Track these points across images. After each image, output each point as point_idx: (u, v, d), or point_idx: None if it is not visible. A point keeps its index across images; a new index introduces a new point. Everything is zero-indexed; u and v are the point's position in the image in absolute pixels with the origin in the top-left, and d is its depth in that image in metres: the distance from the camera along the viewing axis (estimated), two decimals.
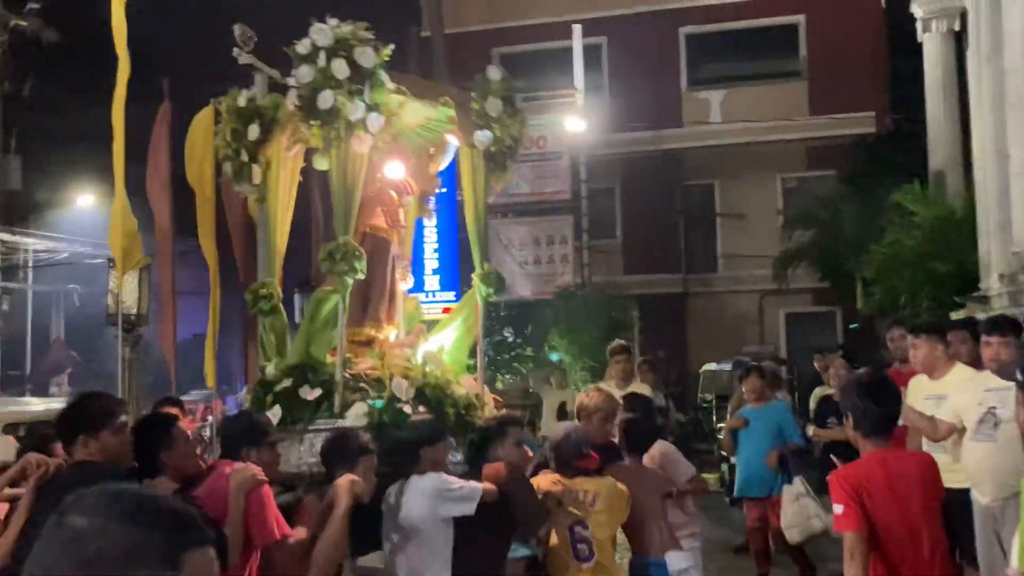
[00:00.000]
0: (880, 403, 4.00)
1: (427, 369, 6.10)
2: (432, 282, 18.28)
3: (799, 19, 20.73)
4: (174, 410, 5.48)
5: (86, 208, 20.77)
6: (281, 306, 6.20)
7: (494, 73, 6.37)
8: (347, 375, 5.76)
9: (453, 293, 18.24)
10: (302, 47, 5.78)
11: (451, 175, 9.98)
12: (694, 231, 22.21)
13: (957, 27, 16.35)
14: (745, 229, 21.84)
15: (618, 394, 7.21)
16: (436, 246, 18.10)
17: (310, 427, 5.60)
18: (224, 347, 11.24)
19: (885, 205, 16.74)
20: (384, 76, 5.76)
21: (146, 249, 8.95)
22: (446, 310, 18.30)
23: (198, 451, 5.56)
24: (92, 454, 3.90)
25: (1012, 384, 4.65)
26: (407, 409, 5.67)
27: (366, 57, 5.66)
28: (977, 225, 12.48)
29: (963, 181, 16.06)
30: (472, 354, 6.91)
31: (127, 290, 11.27)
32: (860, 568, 3.91)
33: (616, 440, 5.54)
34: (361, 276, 5.88)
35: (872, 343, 18.40)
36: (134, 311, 11.51)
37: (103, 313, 12.98)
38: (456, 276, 18.23)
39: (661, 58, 20.43)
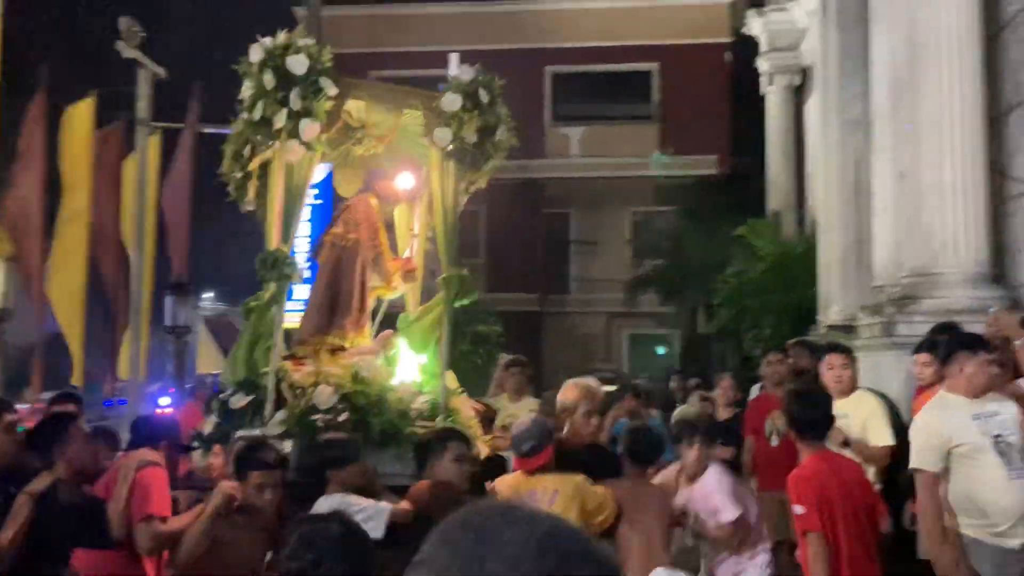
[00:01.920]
0: (811, 407, 4.19)
1: (361, 375, 5.35)
2: (301, 291, 17.36)
3: (653, 67, 20.94)
4: (71, 407, 4.98)
5: None
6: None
7: (466, 73, 5.69)
8: (287, 384, 5.14)
9: None
10: (243, 65, 5.27)
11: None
12: (551, 255, 22.08)
13: (797, 82, 16.91)
14: (597, 255, 21.95)
15: (511, 408, 6.77)
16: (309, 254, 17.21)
17: (238, 435, 5.04)
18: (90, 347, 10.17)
19: (725, 240, 17.09)
20: (326, 82, 5.15)
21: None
22: None
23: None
24: None
25: (1000, 406, 4.41)
26: (336, 418, 4.97)
27: (298, 64, 5.08)
28: (817, 262, 12.79)
29: (796, 221, 16.63)
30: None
31: None
32: (824, 566, 3.83)
33: (602, 437, 5.12)
34: (296, 282, 5.32)
35: (709, 364, 18.69)
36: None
37: None
38: None
39: (529, 93, 20.17)
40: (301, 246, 7.02)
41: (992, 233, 7.33)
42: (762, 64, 17.13)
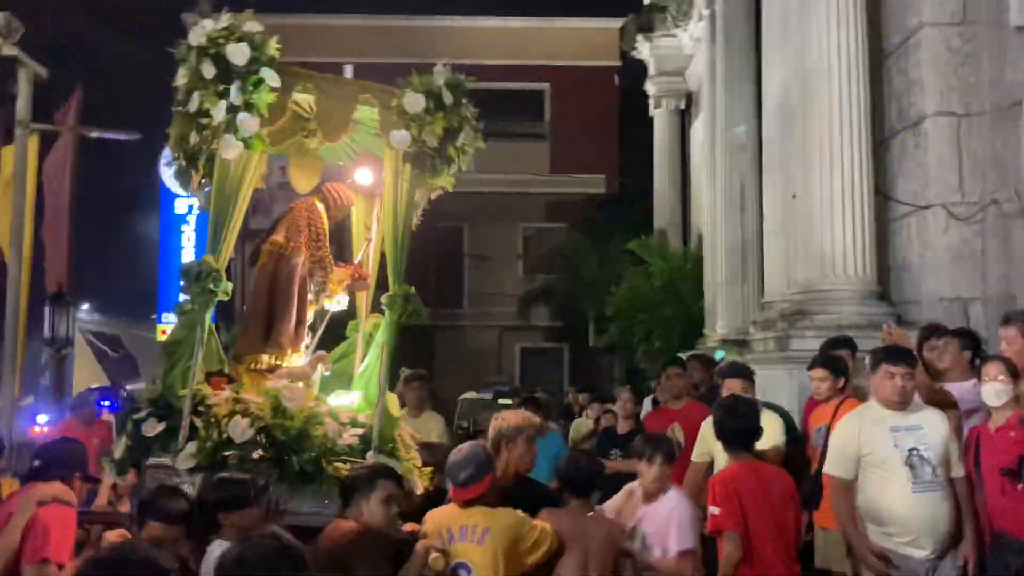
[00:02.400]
0: (738, 418, 4.25)
1: (283, 406, 4.70)
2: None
3: (545, 87, 21.08)
4: None
5: None
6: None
7: (439, 75, 4.98)
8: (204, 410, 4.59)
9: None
10: (180, 50, 4.71)
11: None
12: (444, 269, 21.87)
13: (683, 105, 17.26)
14: (489, 270, 21.82)
15: (412, 423, 6.49)
16: None
17: (149, 462, 4.51)
18: None
19: (615, 256, 17.28)
20: (269, 74, 4.64)
21: None
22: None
23: None
24: None
25: (920, 418, 4.42)
26: (250, 454, 4.45)
27: (238, 54, 4.57)
28: (704, 278, 13.02)
29: (681, 238, 16.95)
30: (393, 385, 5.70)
31: None
32: (733, 566, 3.87)
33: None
34: (224, 298, 4.69)
35: (597, 376, 18.83)
36: None
37: None
38: None
39: None
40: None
41: (878, 252, 7.54)
42: (650, 87, 17.41)
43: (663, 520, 4.23)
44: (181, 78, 4.72)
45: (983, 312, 6.95)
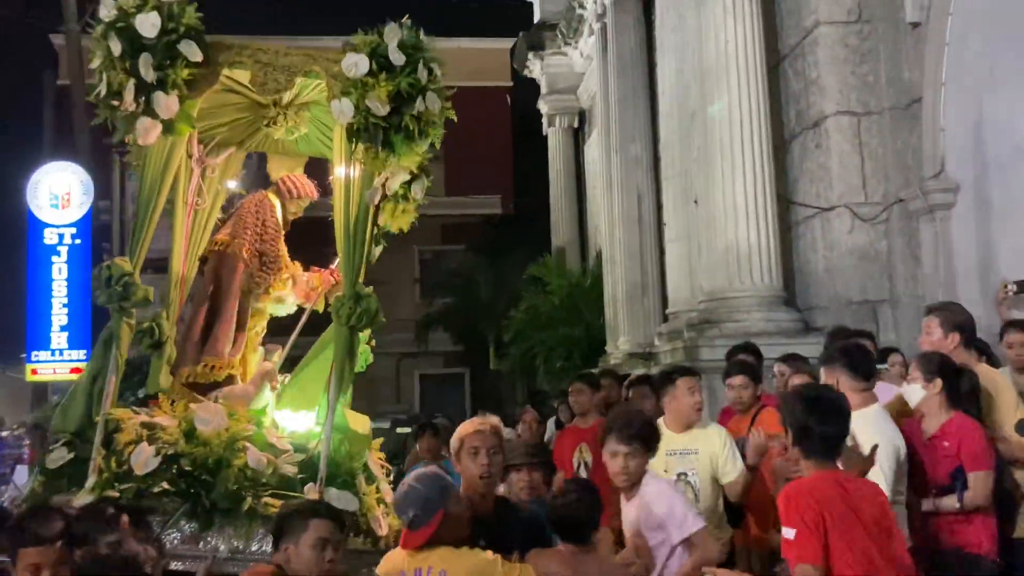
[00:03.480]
0: (827, 421, 3.06)
1: (198, 430, 3.97)
2: (60, 339, 15.42)
3: None
4: None
5: None
6: (171, 344, 4.39)
7: (392, 34, 4.11)
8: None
9: (84, 352, 15.53)
10: (95, 29, 4.06)
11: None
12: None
13: (576, 123, 17.06)
14: (385, 295, 21.03)
15: None
16: (66, 300, 15.31)
17: (54, 500, 3.77)
18: None
19: (513, 276, 16.88)
20: (187, 46, 3.98)
21: None
22: (75, 370, 15.66)
23: None
24: None
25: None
26: (152, 487, 3.76)
27: (146, 25, 3.95)
28: (604, 294, 12.71)
29: (579, 256, 16.69)
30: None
31: None
32: None
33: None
34: (143, 305, 4.01)
35: (500, 400, 18.31)
36: None
37: None
38: (88, 332, 15.53)
39: None
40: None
41: (783, 257, 7.27)
42: (543, 106, 17.18)
43: (650, 504, 3.64)
44: (95, 61, 4.08)
45: (891, 315, 6.74)
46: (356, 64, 4.00)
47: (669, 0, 8.78)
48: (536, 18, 17.53)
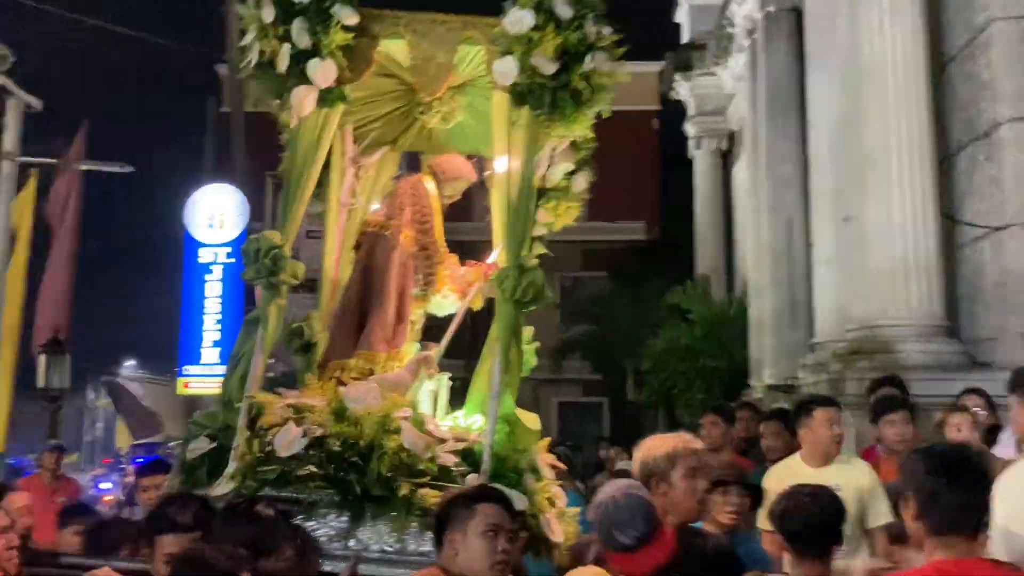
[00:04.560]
0: (961, 486, 2.22)
1: (349, 407, 3.58)
2: (211, 355, 15.99)
3: None
4: None
5: None
6: (320, 347, 4.16)
7: None
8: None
9: None
10: (246, 4, 3.96)
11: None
12: (477, 320, 20.99)
13: (725, 146, 16.37)
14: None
15: None
16: (219, 316, 15.87)
17: (195, 490, 3.51)
18: None
19: (655, 304, 16.30)
20: (341, 9, 3.80)
21: None
22: None
23: None
24: None
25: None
26: (295, 472, 3.43)
27: None
28: (748, 324, 11.99)
29: (725, 285, 15.93)
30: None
31: None
32: None
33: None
34: (293, 282, 3.80)
35: (638, 432, 17.66)
36: None
37: None
38: None
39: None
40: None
41: (945, 282, 6.47)
42: (689, 128, 16.61)
43: None
44: (249, 36, 3.95)
45: None
46: (521, 19, 3.66)
47: (822, 6, 8.13)
48: (684, 39, 17.01)
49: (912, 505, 2.27)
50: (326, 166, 4.31)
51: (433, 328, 4.63)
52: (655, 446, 3.03)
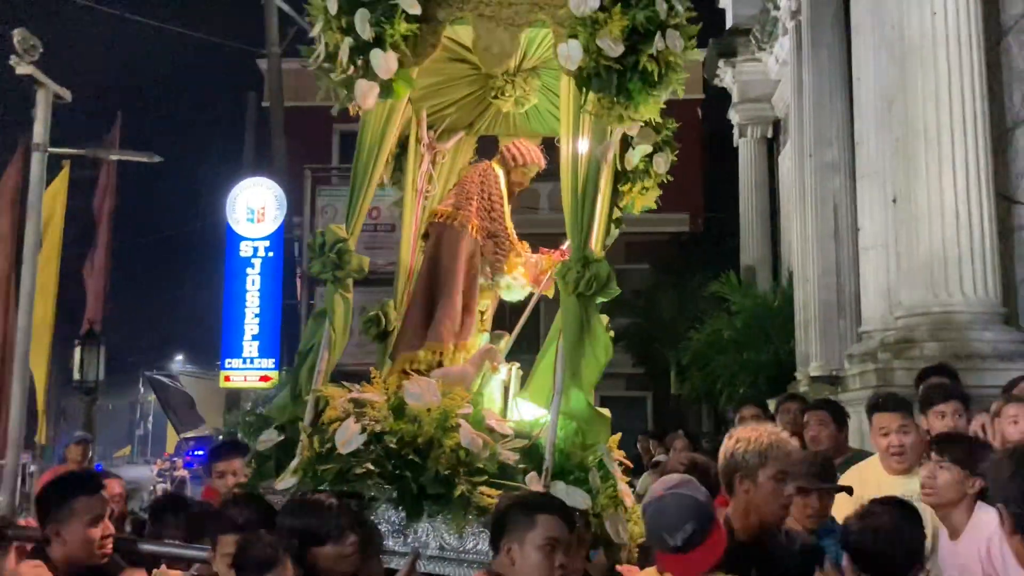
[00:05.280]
0: None
1: (409, 404, 3.48)
2: (251, 348, 15.98)
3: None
4: None
5: None
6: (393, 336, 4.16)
7: None
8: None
9: (273, 361, 16.01)
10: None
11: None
12: (518, 312, 20.76)
13: (770, 134, 15.89)
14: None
15: None
16: (258, 310, 15.84)
17: (261, 486, 3.58)
18: None
19: (698, 297, 15.92)
20: (407, 0, 3.71)
21: None
22: (264, 378, 16.15)
23: None
24: None
25: None
26: (355, 469, 3.34)
27: None
28: (795, 316, 11.57)
29: (771, 275, 15.47)
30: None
31: None
32: None
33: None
34: (358, 276, 3.81)
35: (683, 426, 17.27)
36: None
37: None
38: (278, 343, 16.00)
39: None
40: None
41: (1002, 266, 6.05)
42: (734, 116, 16.17)
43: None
44: (316, 26, 3.87)
45: None
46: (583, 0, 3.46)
47: None
48: (728, 24, 16.56)
49: (1007, 518, 1.94)
50: (403, 153, 4.29)
51: (506, 316, 4.56)
52: (746, 439, 2.84)
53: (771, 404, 7.90)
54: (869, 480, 3.50)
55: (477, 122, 4.56)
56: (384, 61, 3.67)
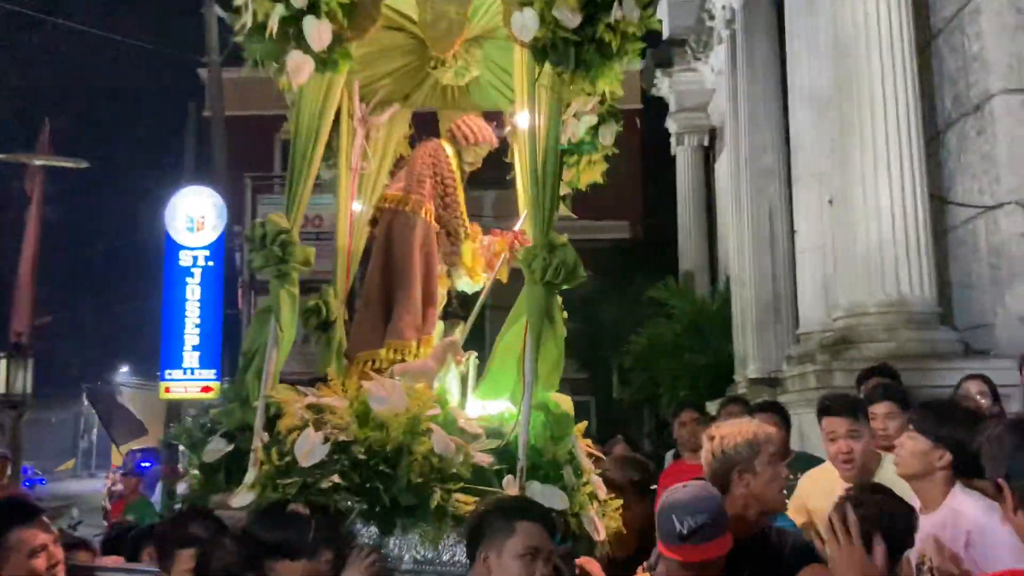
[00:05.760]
0: None
1: (373, 408, 3.13)
2: (192, 359, 15.42)
3: None
4: None
5: None
6: (340, 325, 3.81)
7: None
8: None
9: (214, 371, 15.48)
10: None
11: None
12: (470, 296, 20.50)
13: (707, 142, 15.91)
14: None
15: None
16: (198, 320, 15.31)
17: (212, 500, 3.24)
18: None
19: (639, 302, 15.88)
20: None
21: None
22: (205, 389, 15.61)
23: None
24: None
25: None
26: (318, 483, 2.99)
27: None
28: (732, 320, 11.52)
29: (709, 280, 15.48)
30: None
31: None
32: None
33: None
34: (303, 268, 3.37)
35: (626, 431, 17.16)
36: None
37: None
38: (218, 353, 15.48)
39: None
40: None
41: (937, 266, 5.98)
42: (671, 124, 16.19)
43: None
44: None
45: None
46: None
47: None
48: (665, 35, 16.57)
49: (1008, 495, 1.74)
50: (334, 129, 3.87)
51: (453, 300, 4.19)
52: (732, 434, 2.76)
53: (711, 406, 7.80)
54: (823, 487, 3.30)
55: (413, 94, 4.20)
56: (317, 31, 3.31)
